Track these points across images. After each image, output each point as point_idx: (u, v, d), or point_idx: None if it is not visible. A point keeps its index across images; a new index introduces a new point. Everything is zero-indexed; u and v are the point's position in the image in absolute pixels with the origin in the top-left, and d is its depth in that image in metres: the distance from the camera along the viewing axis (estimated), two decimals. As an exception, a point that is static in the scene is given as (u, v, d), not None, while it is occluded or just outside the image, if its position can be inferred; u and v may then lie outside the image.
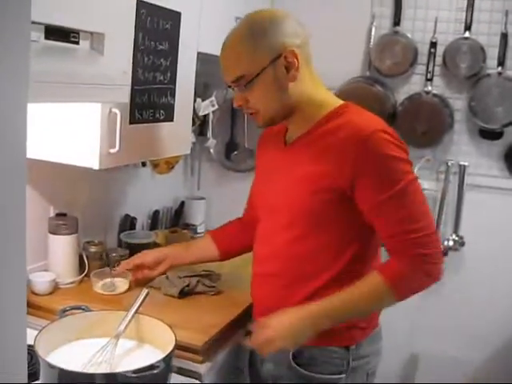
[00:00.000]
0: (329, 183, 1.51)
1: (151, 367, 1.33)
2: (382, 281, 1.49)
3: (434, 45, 2.72)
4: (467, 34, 2.67)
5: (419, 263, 1.49)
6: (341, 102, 1.63)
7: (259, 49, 1.51)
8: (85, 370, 1.34)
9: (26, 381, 0.82)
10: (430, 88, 2.75)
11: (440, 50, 2.72)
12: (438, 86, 2.77)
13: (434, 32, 2.72)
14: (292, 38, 1.53)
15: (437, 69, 2.75)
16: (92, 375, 1.31)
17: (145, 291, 1.62)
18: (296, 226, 1.60)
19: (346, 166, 1.48)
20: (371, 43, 2.83)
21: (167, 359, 1.38)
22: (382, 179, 1.48)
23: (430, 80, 2.75)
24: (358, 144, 1.47)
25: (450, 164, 2.81)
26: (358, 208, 1.52)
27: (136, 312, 1.56)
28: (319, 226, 1.57)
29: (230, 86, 1.61)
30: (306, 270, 1.61)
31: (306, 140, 1.60)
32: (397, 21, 2.78)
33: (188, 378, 1.63)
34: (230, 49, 1.55)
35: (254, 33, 1.52)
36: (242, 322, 1.90)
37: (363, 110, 1.59)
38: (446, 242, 2.88)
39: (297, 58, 1.52)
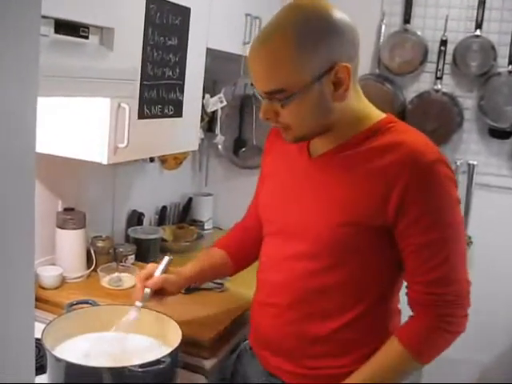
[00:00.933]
0: (367, 216, 1.30)
1: (157, 362, 1.33)
2: (404, 350, 1.33)
3: (444, 43, 2.71)
4: (478, 32, 2.66)
5: (443, 323, 1.33)
6: (383, 114, 1.39)
7: (308, 60, 1.24)
8: (92, 364, 1.34)
9: (34, 374, 0.82)
10: (439, 86, 2.74)
11: (450, 48, 2.71)
12: (447, 85, 2.77)
13: (445, 30, 2.71)
14: (347, 48, 1.28)
15: (447, 67, 2.74)
16: (98, 369, 1.31)
17: (167, 257, 1.59)
18: (319, 257, 1.38)
19: (393, 195, 1.26)
20: (381, 41, 2.83)
21: (173, 354, 1.38)
22: (433, 218, 1.29)
23: (440, 78, 2.74)
24: (413, 172, 1.25)
25: (458, 163, 2.80)
26: (395, 243, 1.33)
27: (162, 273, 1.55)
28: (347, 260, 1.36)
29: (260, 96, 1.34)
30: (323, 306, 1.40)
31: (341, 156, 1.36)
32: (407, 18, 2.77)
33: (194, 374, 1.63)
34: (269, 54, 1.25)
35: (304, 40, 1.23)
36: (248, 319, 1.89)
37: (413, 129, 1.37)
38: (454, 242, 2.87)
39: (349, 76, 1.26)
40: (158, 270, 1.55)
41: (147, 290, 1.51)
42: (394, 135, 1.33)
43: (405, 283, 1.40)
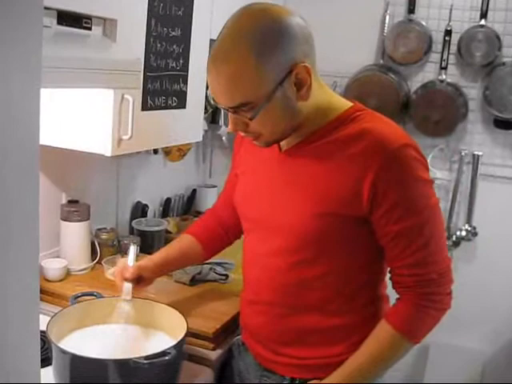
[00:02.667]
0: (341, 206, 1.31)
1: (163, 354, 1.33)
2: (395, 332, 1.35)
3: (448, 33, 2.70)
4: (483, 22, 2.64)
5: (428, 302, 1.35)
6: (349, 103, 1.39)
7: (267, 69, 1.22)
8: (96, 356, 1.34)
9: (39, 366, 0.82)
10: (444, 76, 2.73)
11: (455, 38, 2.70)
12: (452, 75, 2.75)
13: (449, 20, 2.70)
14: (301, 47, 1.26)
15: (451, 57, 2.73)
16: (104, 361, 1.31)
17: (132, 247, 1.63)
18: (297, 250, 1.38)
19: (365, 184, 1.27)
20: (385, 31, 2.81)
21: (179, 346, 1.39)
22: (407, 205, 1.29)
23: (445, 68, 2.73)
24: (381, 160, 1.26)
25: (463, 153, 2.80)
26: (373, 232, 1.35)
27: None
28: (326, 251, 1.37)
29: (225, 110, 1.32)
30: (307, 298, 1.41)
31: (311, 147, 1.36)
32: (411, 8, 2.75)
33: (199, 365, 1.63)
34: (229, 72, 1.23)
35: (260, 50, 1.21)
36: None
37: (380, 116, 1.37)
38: (458, 232, 2.88)
39: (309, 74, 1.26)
40: (129, 260, 1.58)
41: (128, 285, 1.54)
42: (361, 123, 1.33)
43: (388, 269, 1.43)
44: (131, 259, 1.58)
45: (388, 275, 1.43)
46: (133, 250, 1.61)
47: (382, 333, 1.38)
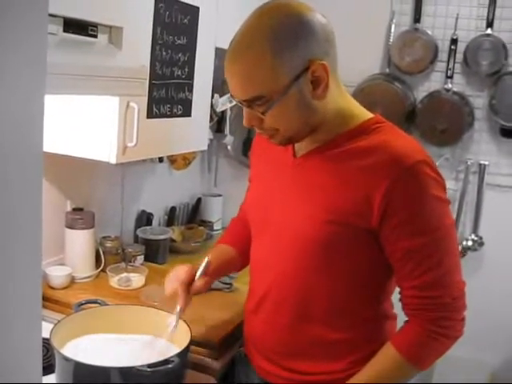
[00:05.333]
0: (351, 216, 1.28)
1: (166, 362, 1.32)
2: (401, 357, 1.30)
3: (454, 42, 2.70)
4: (489, 31, 2.64)
5: (439, 328, 1.29)
6: (370, 114, 1.36)
7: (283, 64, 1.21)
8: (100, 363, 1.33)
9: (41, 373, 0.81)
10: (450, 85, 2.73)
11: (461, 47, 2.70)
12: (458, 84, 2.75)
13: (455, 29, 2.70)
14: (321, 45, 1.24)
15: (457, 66, 2.73)
16: (107, 368, 1.30)
17: (207, 259, 1.53)
18: (305, 257, 1.35)
19: (376, 198, 1.24)
20: (391, 40, 2.81)
21: (182, 354, 1.38)
22: (418, 223, 1.26)
23: (451, 77, 2.72)
24: (394, 175, 1.23)
25: (469, 163, 2.79)
26: (382, 246, 1.31)
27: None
28: (333, 261, 1.33)
29: (240, 103, 1.31)
30: (312, 310, 1.38)
31: (326, 155, 1.33)
32: (417, 17, 2.76)
33: (203, 374, 1.63)
34: (245, 64, 1.24)
35: (276, 44, 1.20)
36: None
37: (399, 131, 1.34)
38: (464, 242, 2.86)
39: (327, 73, 1.24)
40: (198, 273, 1.50)
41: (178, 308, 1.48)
42: (379, 136, 1.30)
43: (397, 289, 1.38)
44: (200, 273, 1.50)
45: (398, 296, 1.38)
46: (205, 263, 1.52)
47: (386, 356, 1.33)
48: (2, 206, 0.68)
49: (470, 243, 2.86)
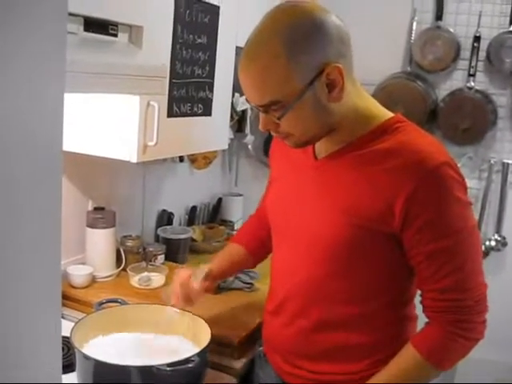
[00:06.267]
0: (372, 220, 1.26)
1: (186, 361, 1.32)
2: (421, 358, 1.29)
3: (477, 39, 2.67)
4: (512, 28, 2.60)
5: (460, 330, 1.28)
6: (390, 114, 1.34)
7: (298, 68, 1.20)
8: (120, 362, 1.33)
9: (61, 371, 0.81)
10: (472, 84, 2.70)
11: (484, 44, 2.67)
12: (481, 82, 2.72)
13: (478, 26, 2.67)
14: (336, 47, 1.22)
15: (480, 64, 2.70)
16: (127, 367, 1.30)
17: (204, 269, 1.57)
18: (325, 260, 1.34)
19: (398, 201, 1.22)
20: (412, 38, 2.79)
21: (202, 354, 1.38)
22: (440, 225, 1.24)
23: (473, 75, 2.69)
24: (418, 177, 1.21)
25: (492, 162, 2.76)
26: (404, 250, 1.29)
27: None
28: (353, 265, 1.33)
29: (256, 108, 1.30)
30: (331, 314, 1.38)
31: (347, 157, 1.32)
32: (439, 15, 2.73)
33: (223, 374, 1.62)
34: (260, 69, 1.22)
35: (291, 48, 1.18)
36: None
37: (420, 130, 1.32)
38: (487, 242, 2.83)
39: (342, 75, 1.22)
40: (196, 281, 1.54)
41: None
42: (401, 136, 1.28)
43: (419, 291, 1.36)
44: (199, 280, 1.54)
45: (419, 298, 1.36)
46: (203, 270, 1.56)
47: (406, 357, 1.32)
48: (21, 205, 0.68)
49: (493, 243, 2.83)
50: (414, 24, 2.78)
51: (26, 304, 0.71)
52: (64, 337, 1.15)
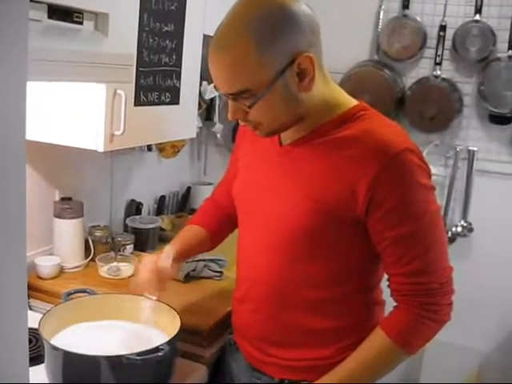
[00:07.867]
0: (337, 206, 1.28)
1: (156, 350, 1.32)
2: (389, 341, 1.31)
3: (443, 28, 2.70)
4: (477, 17, 2.64)
5: (427, 312, 1.30)
6: (354, 101, 1.35)
7: (269, 57, 1.19)
8: (89, 353, 1.33)
9: (28, 363, 0.81)
10: (438, 72, 2.73)
11: (449, 33, 2.70)
12: (447, 70, 2.75)
13: (444, 15, 2.70)
14: (306, 36, 1.22)
15: (446, 52, 2.73)
16: (96, 357, 1.30)
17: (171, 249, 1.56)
18: (291, 245, 1.35)
19: (361, 187, 1.24)
20: (380, 27, 2.81)
21: (172, 342, 1.37)
22: (404, 210, 1.26)
23: (439, 64, 2.73)
24: (381, 163, 1.22)
25: (458, 149, 2.80)
26: (369, 235, 1.31)
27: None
28: (319, 250, 1.34)
29: (225, 96, 1.30)
30: (298, 299, 1.39)
31: (312, 144, 1.33)
32: (406, 4, 2.75)
33: (193, 362, 1.62)
34: (230, 58, 1.21)
35: (261, 37, 1.18)
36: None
37: (383, 118, 1.34)
38: (454, 228, 2.87)
39: (313, 64, 1.23)
40: (164, 261, 1.52)
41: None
42: (364, 124, 1.29)
43: (385, 276, 1.39)
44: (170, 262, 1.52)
45: (386, 282, 1.38)
46: (169, 252, 1.54)
47: (376, 341, 1.34)
48: (-16, 195, 0.67)
49: (459, 229, 2.87)
50: (381, 13, 2.80)
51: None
52: (32, 328, 1.14)
